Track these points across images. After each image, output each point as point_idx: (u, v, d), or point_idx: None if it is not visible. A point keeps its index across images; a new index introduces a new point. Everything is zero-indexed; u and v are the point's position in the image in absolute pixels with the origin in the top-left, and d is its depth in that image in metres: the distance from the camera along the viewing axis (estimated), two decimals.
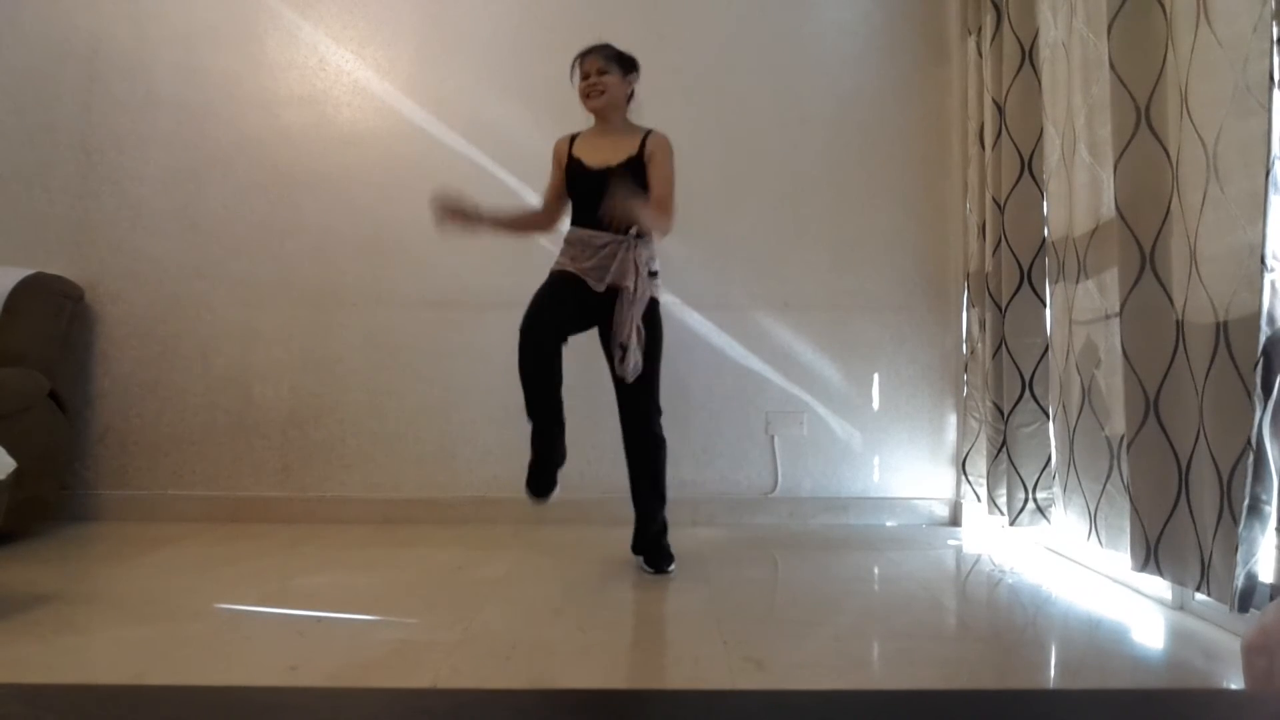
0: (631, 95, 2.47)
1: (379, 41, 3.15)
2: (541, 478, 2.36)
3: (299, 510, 3.03)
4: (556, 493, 2.39)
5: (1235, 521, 1.63)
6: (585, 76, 2.39)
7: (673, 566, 2.36)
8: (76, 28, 3.12)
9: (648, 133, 2.41)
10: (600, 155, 2.38)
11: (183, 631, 1.80)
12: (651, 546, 2.39)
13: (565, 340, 2.36)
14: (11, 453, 2.02)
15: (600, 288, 2.33)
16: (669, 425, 2.49)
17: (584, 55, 2.41)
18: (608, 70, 2.38)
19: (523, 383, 2.31)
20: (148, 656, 1.64)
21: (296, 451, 3.08)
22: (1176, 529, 1.86)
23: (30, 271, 2.87)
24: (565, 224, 2.49)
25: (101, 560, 2.50)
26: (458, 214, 2.36)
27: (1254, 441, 1.59)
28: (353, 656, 1.66)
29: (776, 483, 3.13)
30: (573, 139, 2.46)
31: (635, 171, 2.35)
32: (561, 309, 2.34)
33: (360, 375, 3.10)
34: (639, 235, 2.34)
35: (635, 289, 2.30)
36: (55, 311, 2.90)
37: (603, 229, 2.30)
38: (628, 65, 2.43)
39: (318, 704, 0.54)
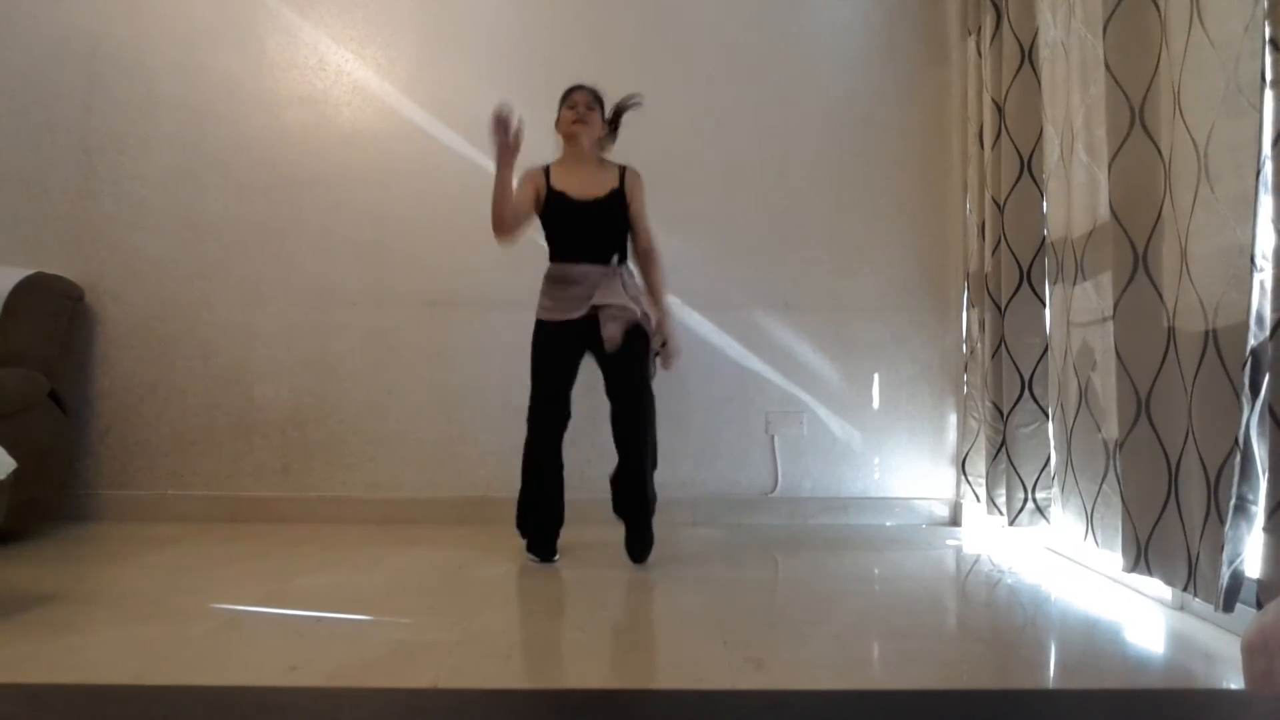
0: (602, 140, 2.55)
1: (379, 41, 3.15)
2: (541, 543, 2.46)
3: (299, 510, 3.03)
4: (559, 557, 2.47)
5: (1221, 521, 1.63)
6: (573, 107, 2.48)
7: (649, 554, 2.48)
8: (76, 28, 3.12)
9: (623, 168, 2.52)
10: (583, 188, 2.46)
11: (182, 631, 1.80)
12: (642, 524, 2.47)
13: (569, 417, 2.48)
14: (11, 453, 2.02)
15: (583, 310, 2.40)
16: (669, 426, 2.50)
17: (574, 89, 2.51)
18: (594, 108, 2.50)
19: (524, 482, 2.47)
20: (147, 656, 1.64)
21: (296, 451, 3.08)
22: (1166, 529, 1.86)
23: (30, 271, 2.87)
24: (525, 245, 2.55)
25: (101, 560, 2.50)
26: (504, 126, 2.28)
27: (1241, 441, 1.58)
28: (352, 656, 1.66)
29: (776, 483, 3.13)
30: (546, 171, 2.50)
31: (618, 204, 2.47)
32: (561, 387, 2.45)
33: (360, 375, 3.10)
34: (622, 262, 2.48)
35: (640, 310, 2.44)
36: (55, 311, 2.89)
37: (586, 262, 2.43)
38: (608, 115, 2.54)
39: (318, 704, 0.54)
